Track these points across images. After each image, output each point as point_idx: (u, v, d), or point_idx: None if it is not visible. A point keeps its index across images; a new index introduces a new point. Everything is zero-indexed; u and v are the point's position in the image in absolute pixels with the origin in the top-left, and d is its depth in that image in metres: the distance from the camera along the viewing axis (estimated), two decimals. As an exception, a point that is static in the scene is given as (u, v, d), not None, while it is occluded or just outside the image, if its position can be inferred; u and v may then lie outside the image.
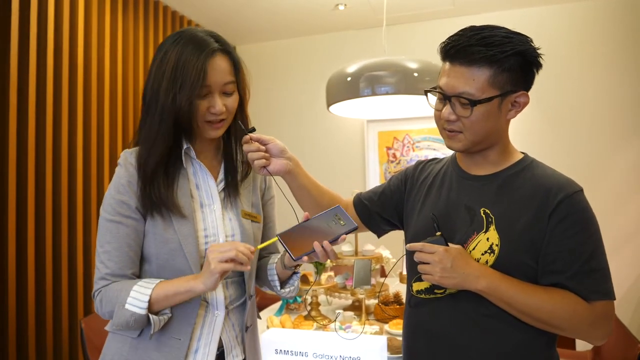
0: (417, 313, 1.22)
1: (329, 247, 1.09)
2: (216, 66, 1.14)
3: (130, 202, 1.14)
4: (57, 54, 2.67)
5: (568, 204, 1.07)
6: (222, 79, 1.15)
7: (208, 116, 1.15)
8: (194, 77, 1.09)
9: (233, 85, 1.18)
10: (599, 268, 1.07)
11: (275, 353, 1.51)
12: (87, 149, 2.87)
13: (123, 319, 1.07)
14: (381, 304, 2.49)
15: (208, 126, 1.17)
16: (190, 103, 1.10)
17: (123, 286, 1.10)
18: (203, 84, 1.11)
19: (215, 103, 1.14)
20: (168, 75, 1.11)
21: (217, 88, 1.14)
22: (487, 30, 1.08)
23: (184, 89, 1.09)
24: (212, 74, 1.13)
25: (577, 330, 1.08)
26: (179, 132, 1.16)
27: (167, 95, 1.10)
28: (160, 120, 1.12)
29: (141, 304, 1.07)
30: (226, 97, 1.17)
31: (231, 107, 1.18)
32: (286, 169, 1.24)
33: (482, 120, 1.10)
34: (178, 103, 1.10)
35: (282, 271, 1.30)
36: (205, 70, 1.11)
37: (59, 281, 2.65)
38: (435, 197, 1.25)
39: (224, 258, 1.04)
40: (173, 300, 1.10)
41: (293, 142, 4.32)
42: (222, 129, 1.20)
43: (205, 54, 1.11)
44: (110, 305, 1.09)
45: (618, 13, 3.63)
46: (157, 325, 1.10)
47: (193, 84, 1.09)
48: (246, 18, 3.93)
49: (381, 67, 2.44)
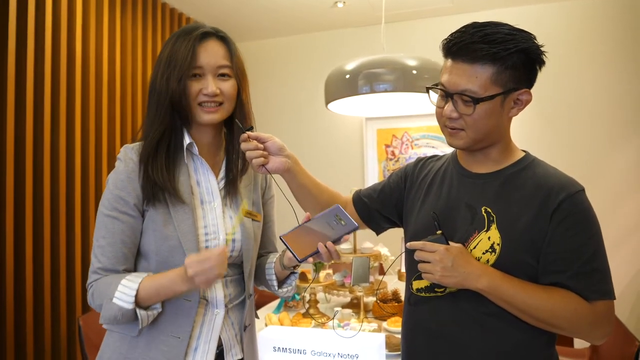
0: (417, 311, 1.22)
1: (332, 248, 1.09)
2: (209, 48, 1.16)
3: (128, 198, 1.13)
4: (55, 52, 2.66)
5: (570, 203, 1.06)
6: (215, 61, 1.16)
7: (201, 97, 1.16)
8: (184, 56, 1.12)
9: (229, 70, 1.19)
10: (600, 268, 1.06)
11: (273, 350, 1.51)
12: (85, 147, 2.87)
13: (111, 313, 1.07)
14: (379, 302, 2.50)
15: (201, 109, 1.17)
16: (179, 81, 1.12)
17: (113, 280, 1.09)
18: (193, 64, 1.13)
19: (208, 84, 1.15)
20: (164, 62, 1.15)
21: (210, 70, 1.16)
22: (490, 27, 1.07)
23: (175, 69, 1.12)
24: (204, 55, 1.15)
25: (577, 330, 1.08)
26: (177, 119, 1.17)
27: (162, 79, 1.14)
28: (157, 104, 1.15)
29: (128, 298, 1.06)
30: (221, 81, 1.18)
31: (227, 92, 1.18)
32: (285, 167, 1.23)
33: (484, 118, 1.09)
34: (171, 84, 1.12)
35: (281, 271, 1.29)
36: (195, 50, 1.13)
37: (56, 279, 2.65)
38: (436, 195, 1.24)
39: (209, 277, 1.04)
40: (160, 296, 1.09)
41: (292, 139, 4.31)
42: (217, 114, 1.18)
43: (195, 35, 1.15)
44: (100, 299, 1.09)
45: (616, 11, 3.62)
46: (145, 321, 1.09)
47: (183, 62, 1.12)
48: (245, 15, 3.92)
49: (380, 64, 2.43)
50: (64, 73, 2.70)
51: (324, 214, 1.13)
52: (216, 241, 1.19)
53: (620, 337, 2.00)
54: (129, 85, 3.27)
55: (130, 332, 1.13)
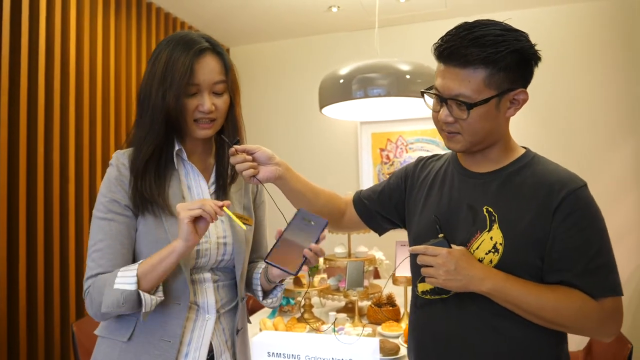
0: (424, 314, 1.21)
1: (317, 248, 1.10)
2: (205, 65, 1.15)
3: (122, 200, 1.14)
4: (49, 56, 2.65)
5: (572, 199, 1.05)
6: (211, 78, 1.16)
7: (197, 114, 1.16)
8: (182, 74, 1.11)
9: (223, 86, 1.19)
10: (606, 264, 1.05)
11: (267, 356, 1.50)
12: (79, 151, 2.86)
13: (113, 299, 1.04)
14: (374, 306, 2.50)
15: (197, 126, 1.18)
16: (177, 100, 1.12)
17: (110, 275, 1.08)
18: (191, 82, 1.13)
19: (204, 102, 1.15)
20: (159, 75, 1.13)
21: (206, 87, 1.16)
22: (479, 29, 1.05)
23: (173, 87, 1.11)
24: (201, 72, 1.14)
25: (584, 328, 1.06)
26: (170, 132, 1.17)
27: (158, 94, 1.13)
28: (152, 119, 1.14)
29: (130, 280, 1.05)
30: (216, 97, 1.18)
31: (221, 108, 1.19)
32: (276, 175, 1.23)
33: (480, 121, 1.07)
34: (167, 101, 1.12)
35: (266, 284, 1.30)
36: (193, 67, 1.13)
37: (50, 284, 2.63)
38: (437, 196, 1.23)
39: (191, 208, 1.04)
40: (160, 269, 1.06)
41: (286, 144, 4.33)
42: (211, 130, 1.20)
43: (193, 51, 1.13)
44: (99, 296, 1.07)
45: (611, 14, 3.65)
46: (149, 304, 1.06)
47: (180, 80, 1.11)
48: (239, 20, 3.93)
49: (373, 69, 2.44)
50: (57, 78, 2.69)
51: (293, 222, 1.14)
52: (207, 245, 1.19)
53: (614, 340, 2.01)
54: (123, 89, 3.26)
55: (120, 337, 1.13)
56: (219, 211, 1.06)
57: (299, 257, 1.10)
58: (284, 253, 1.11)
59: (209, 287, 1.21)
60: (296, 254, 1.10)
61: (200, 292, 1.19)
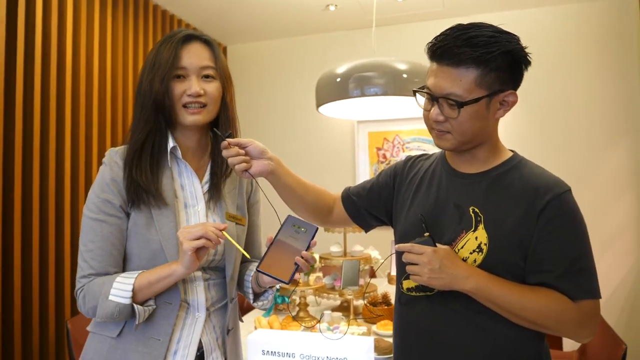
0: (408, 311, 1.23)
1: (308, 255, 1.11)
2: (192, 49, 1.18)
3: (115, 200, 1.14)
4: (45, 53, 2.64)
5: (556, 204, 1.07)
6: (198, 62, 1.18)
7: (185, 99, 1.17)
8: (167, 58, 1.14)
9: (212, 71, 1.20)
10: (586, 268, 1.08)
11: (262, 354, 1.50)
12: (75, 150, 2.85)
13: (108, 311, 1.07)
14: (369, 305, 2.50)
15: (185, 111, 1.18)
16: (163, 82, 1.14)
17: (106, 280, 1.10)
18: (177, 65, 1.15)
19: (192, 85, 1.16)
20: (148, 66, 1.17)
21: (193, 71, 1.17)
22: (473, 30, 1.07)
23: (159, 71, 1.14)
24: (187, 56, 1.17)
25: (563, 329, 1.09)
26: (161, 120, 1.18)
27: (146, 82, 1.16)
28: (142, 106, 1.17)
29: (125, 294, 1.07)
30: (205, 82, 1.19)
31: (211, 93, 1.19)
32: (268, 169, 1.23)
33: (469, 120, 1.09)
34: (154, 85, 1.14)
35: (257, 288, 1.31)
36: (179, 52, 1.16)
37: (45, 281, 2.62)
38: (425, 194, 1.25)
39: (193, 236, 1.05)
40: (157, 287, 1.10)
41: (283, 142, 4.33)
42: (201, 115, 1.19)
43: (178, 38, 1.17)
44: (93, 300, 1.09)
45: (606, 16, 3.65)
46: (142, 316, 1.09)
47: (166, 64, 1.14)
48: (237, 18, 3.92)
49: (370, 68, 2.44)
50: (54, 74, 2.68)
51: (283, 229, 1.14)
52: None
53: (608, 340, 2.01)
54: (120, 87, 3.25)
55: (110, 333, 1.13)
56: (220, 235, 1.08)
57: (290, 265, 1.10)
58: (275, 261, 1.11)
59: (200, 286, 1.21)
60: (288, 261, 1.10)
61: (191, 291, 1.20)
